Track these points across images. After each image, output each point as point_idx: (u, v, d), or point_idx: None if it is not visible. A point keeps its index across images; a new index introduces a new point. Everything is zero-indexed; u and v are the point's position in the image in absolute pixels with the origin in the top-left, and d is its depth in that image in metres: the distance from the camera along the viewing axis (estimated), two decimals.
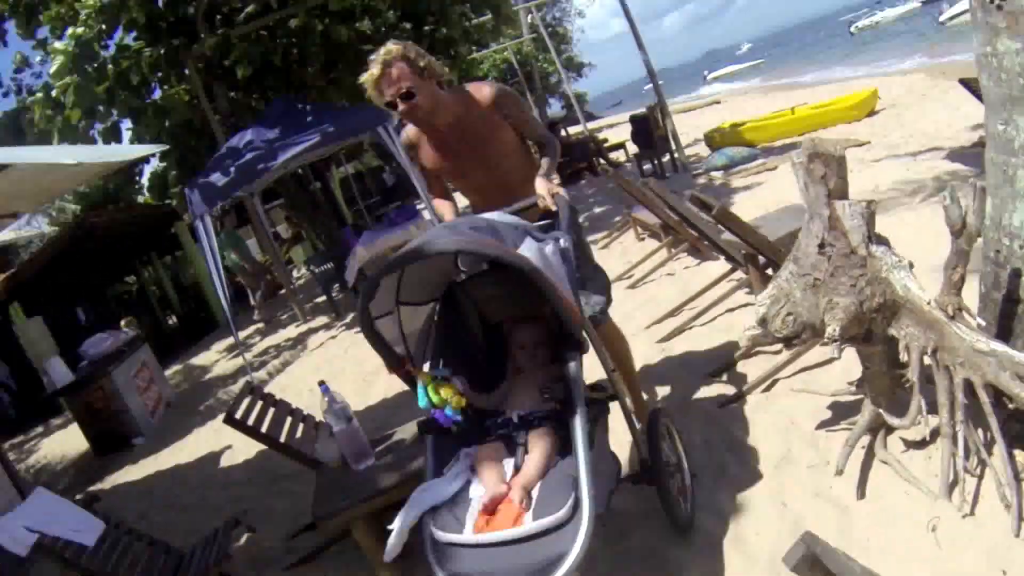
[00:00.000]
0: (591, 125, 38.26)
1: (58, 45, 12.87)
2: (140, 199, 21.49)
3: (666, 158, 17.08)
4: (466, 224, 3.33)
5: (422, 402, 3.29)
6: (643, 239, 10.67)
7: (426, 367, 3.51)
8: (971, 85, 9.50)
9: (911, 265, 3.66)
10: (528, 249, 3.20)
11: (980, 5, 3.57)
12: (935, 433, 3.76)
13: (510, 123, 4.47)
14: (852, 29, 77.34)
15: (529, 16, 34.68)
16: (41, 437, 15.14)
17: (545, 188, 4.09)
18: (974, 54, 3.80)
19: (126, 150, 11.71)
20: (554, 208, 4.01)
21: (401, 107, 4.16)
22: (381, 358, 3.44)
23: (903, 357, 3.76)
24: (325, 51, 15.72)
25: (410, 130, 4.56)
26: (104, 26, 13.25)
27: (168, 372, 15.54)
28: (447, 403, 3.24)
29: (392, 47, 4.13)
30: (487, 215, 3.70)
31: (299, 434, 5.52)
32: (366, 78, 4.18)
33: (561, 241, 3.57)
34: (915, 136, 12.67)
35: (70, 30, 12.86)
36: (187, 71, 14.55)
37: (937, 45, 34.28)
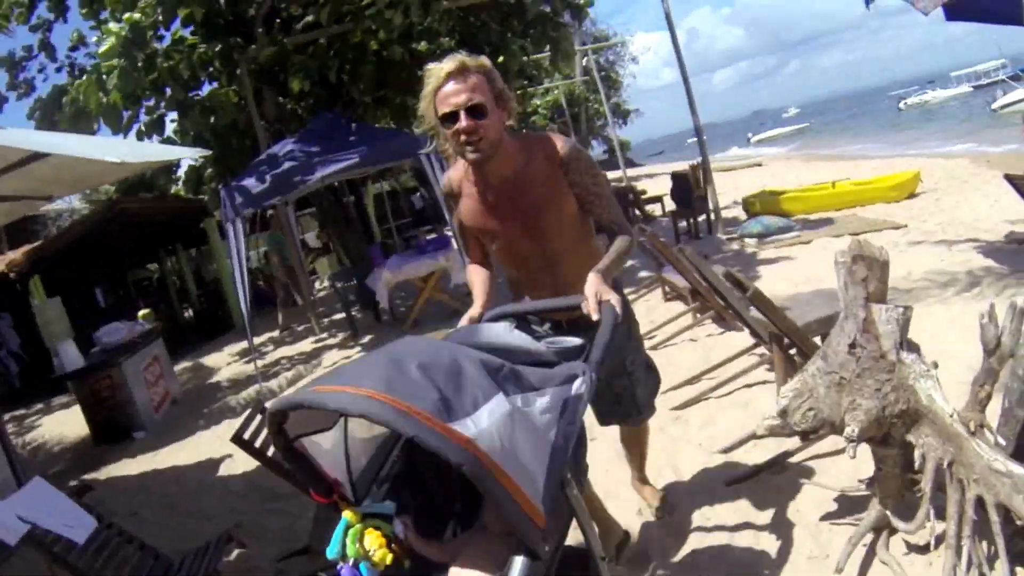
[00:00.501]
0: (631, 172, 38.39)
1: (112, 27, 12.92)
2: (173, 189, 21.63)
3: (702, 218, 17.04)
4: (420, 357, 2.40)
5: (331, 551, 2.58)
6: (670, 299, 10.64)
7: (367, 501, 2.81)
8: (1015, 181, 9.48)
9: (936, 366, 3.65)
10: (488, 415, 2.28)
11: None
12: (939, 540, 3.72)
13: (576, 193, 3.65)
14: (901, 105, 77.52)
15: (584, 59, 34.90)
16: (42, 414, 15.21)
17: (594, 289, 3.12)
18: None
19: (169, 151, 11.74)
20: (596, 318, 3.03)
21: (464, 123, 3.30)
22: (296, 483, 2.85)
23: (917, 464, 3.74)
24: (378, 69, 15.79)
25: (454, 174, 3.77)
26: (161, 16, 13.32)
27: (178, 368, 15.59)
28: (365, 558, 2.53)
29: (471, 57, 3.39)
30: (486, 329, 3.08)
31: None
32: (431, 70, 3.41)
33: (576, 384, 2.68)
34: (952, 224, 12.61)
35: (127, 15, 12.93)
36: (239, 72, 14.63)
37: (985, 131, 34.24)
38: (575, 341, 3.01)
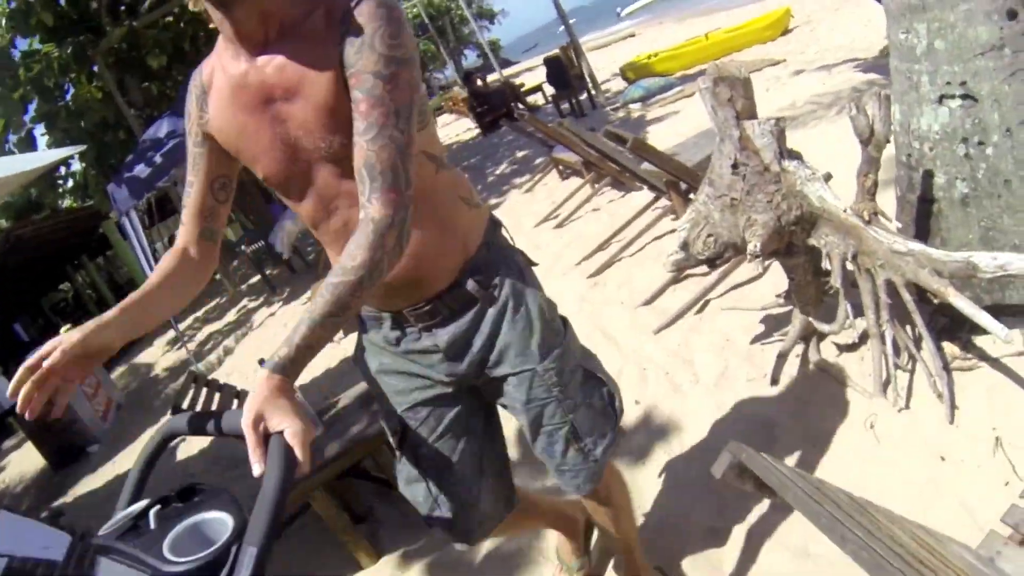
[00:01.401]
0: (507, 71, 38.12)
1: None
2: (65, 203, 21.14)
3: (583, 96, 17.06)
4: None
5: None
6: (567, 178, 10.67)
7: None
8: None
9: (829, 176, 3.76)
10: None
11: None
12: (865, 335, 3.85)
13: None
14: None
15: None
16: None
17: (252, 415, 1.65)
18: None
19: (43, 156, 11.47)
20: (257, 471, 1.59)
21: None
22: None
23: (825, 265, 3.83)
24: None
25: (206, 62, 2.17)
26: (13, 32, 12.99)
27: (114, 374, 15.38)
28: None
29: None
30: None
31: None
32: None
33: None
34: (830, 50, 12.79)
35: None
36: (96, 67, 14.29)
37: None
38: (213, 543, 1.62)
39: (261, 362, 2.95)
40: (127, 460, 9.49)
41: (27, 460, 12.46)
